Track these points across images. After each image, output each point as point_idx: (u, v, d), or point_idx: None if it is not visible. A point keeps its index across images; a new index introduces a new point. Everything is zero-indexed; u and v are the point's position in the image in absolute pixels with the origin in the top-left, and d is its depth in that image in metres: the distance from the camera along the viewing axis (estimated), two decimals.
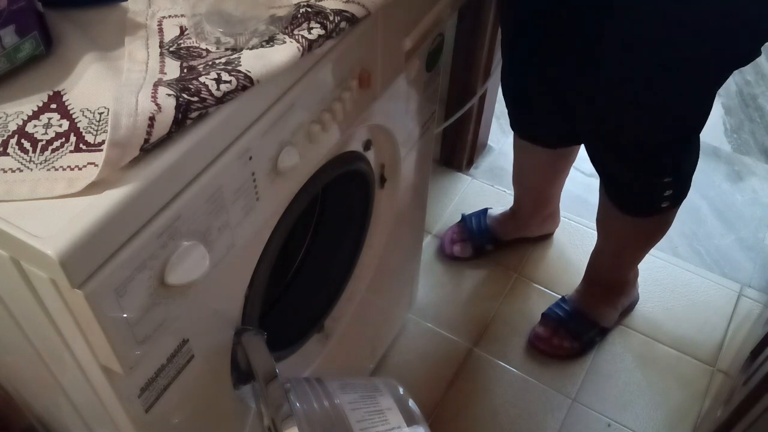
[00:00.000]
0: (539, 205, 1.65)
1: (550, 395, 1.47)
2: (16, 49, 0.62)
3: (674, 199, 1.25)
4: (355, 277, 1.15)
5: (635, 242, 1.41)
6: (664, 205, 1.24)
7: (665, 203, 1.24)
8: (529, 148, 1.44)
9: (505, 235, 1.68)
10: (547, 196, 1.64)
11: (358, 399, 0.85)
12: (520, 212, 1.65)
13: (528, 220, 1.67)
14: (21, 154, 0.56)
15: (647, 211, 1.27)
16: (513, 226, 1.68)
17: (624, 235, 1.37)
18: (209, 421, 0.85)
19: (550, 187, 1.61)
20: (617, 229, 1.36)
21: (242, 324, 0.83)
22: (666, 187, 1.21)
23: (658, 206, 1.25)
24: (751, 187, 1.91)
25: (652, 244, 1.41)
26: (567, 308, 1.53)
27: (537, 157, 1.47)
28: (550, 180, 1.58)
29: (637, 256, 1.48)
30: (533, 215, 1.67)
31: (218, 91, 0.59)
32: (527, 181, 1.58)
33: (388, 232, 1.16)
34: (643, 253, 1.46)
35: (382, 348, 1.47)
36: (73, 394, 0.77)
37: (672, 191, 1.22)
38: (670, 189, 1.22)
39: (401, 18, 0.85)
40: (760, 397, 1.06)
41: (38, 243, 0.50)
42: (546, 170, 1.54)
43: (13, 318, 0.66)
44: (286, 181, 0.75)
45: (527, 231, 1.70)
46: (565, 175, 1.58)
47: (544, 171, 1.54)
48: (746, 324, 1.59)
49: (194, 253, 0.62)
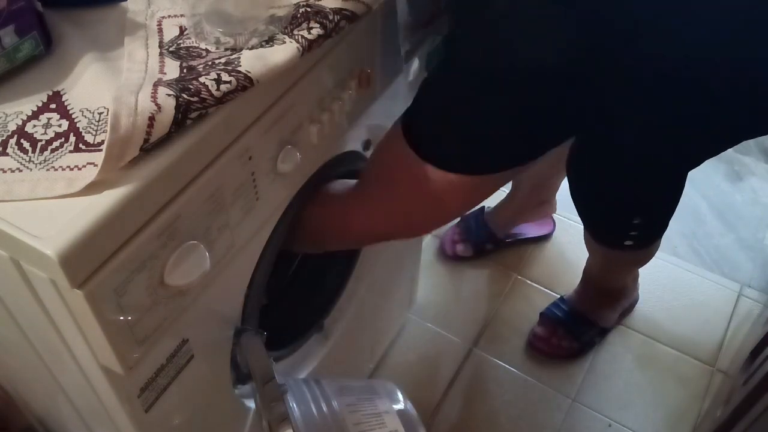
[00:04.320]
0: (536, 192, 1.63)
1: (550, 395, 1.47)
2: (16, 49, 0.62)
3: (640, 240, 1.19)
4: (355, 277, 1.15)
5: (617, 264, 1.39)
6: (627, 243, 1.19)
7: (629, 242, 1.19)
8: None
9: (503, 227, 1.68)
10: (545, 182, 1.62)
11: (355, 401, 0.85)
12: (517, 195, 1.63)
13: (524, 204, 1.65)
14: (20, 154, 0.56)
15: (614, 246, 1.24)
16: (509, 211, 1.66)
17: (605, 257, 1.35)
18: (209, 421, 0.85)
19: (549, 173, 1.58)
20: (595, 251, 1.35)
21: (242, 324, 0.83)
22: (632, 228, 1.17)
23: (622, 243, 1.20)
24: (751, 186, 1.91)
25: (639, 265, 1.39)
26: (565, 308, 1.53)
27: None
28: (552, 164, 1.55)
29: (624, 274, 1.46)
30: (530, 197, 1.64)
31: (218, 91, 0.59)
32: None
33: None
34: (630, 272, 1.45)
35: (381, 348, 1.47)
36: (73, 394, 0.77)
37: (638, 233, 1.17)
38: (636, 230, 1.17)
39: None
40: (759, 397, 1.06)
41: (38, 243, 0.50)
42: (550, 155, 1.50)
43: (13, 318, 0.66)
44: (286, 181, 0.75)
45: (524, 216, 1.68)
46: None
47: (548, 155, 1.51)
48: (746, 324, 1.59)
49: (194, 253, 0.62)
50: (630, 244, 1.20)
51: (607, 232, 1.23)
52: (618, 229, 1.20)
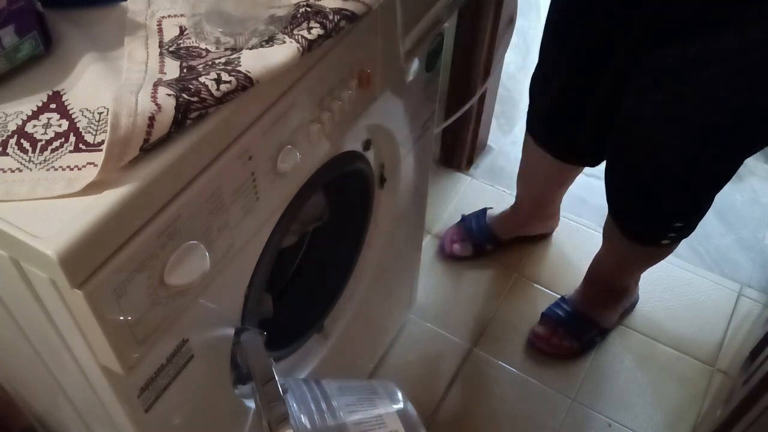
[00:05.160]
0: (541, 207, 1.65)
1: (550, 395, 1.47)
2: (16, 49, 0.62)
3: (677, 239, 1.26)
4: (355, 277, 1.15)
5: (634, 260, 1.41)
6: (664, 242, 1.25)
7: (666, 241, 1.25)
8: (540, 156, 1.40)
9: (504, 234, 1.68)
10: (549, 199, 1.64)
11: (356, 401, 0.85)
12: (521, 211, 1.65)
13: (528, 219, 1.67)
14: (20, 154, 0.56)
15: (648, 242, 1.27)
16: (513, 224, 1.67)
17: (624, 252, 1.37)
18: (209, 420, 0.85)
19: (554, 192, 1.61)
20: (618, 246, 1.36)
21: (242, 324, 0.83)
22: (672, 230, 1.22)
23: (659, 242, 1.25)
24: (751, 187, 1.91)
25: (654, 263, 1.41)
26: (567, 308, 1.53)
27: (547, 165, 1.43)
28: (555, 187, 1.57)
29: (638, 270, 1.48)
30: (533, 215, 1.66)
31: (218, 91, 0.59)
32: (532, 184, 1.57)
33: (388, 232, 1.16)
34: (644, 269, 1.47)
35: (381, 348, 1.47)
36: (73, 394, 0.77)
37: (677, 234, 1.23)
38: (676, 232, 1.22)
39: (401, 18, 0.85)
40: (759, 396, 1.06)
41: (38, 243, 0.50)
42: (553, 178, 1.53)
43: (12, 318, 0.66)
44: (285, 181, 0.75)
45: (527, 230, 1.70)
46: (571, 182, 1.57)
47: (551, 178, 1.53)
48: (746, 324, 1.59)
49: (194, 253, 0.62)
50: (667, 243, 1.26)
51: (648, 232, 1.25)
52: (660, 229, 1.23)
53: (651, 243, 1.27)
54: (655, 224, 1.23)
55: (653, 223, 1.22)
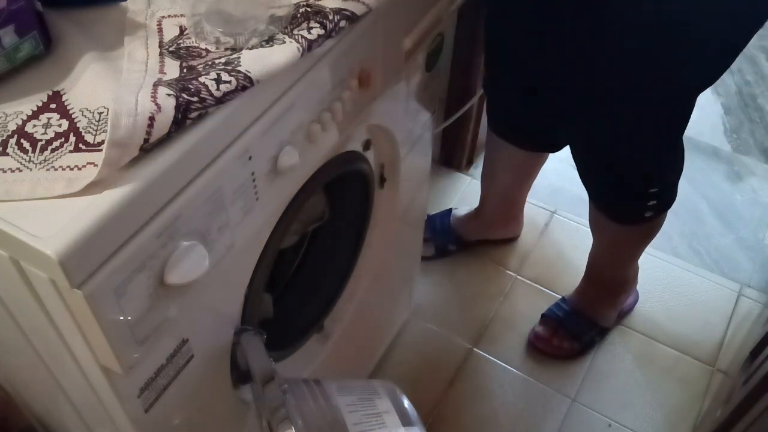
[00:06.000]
0: (505, 206, 1.65)
1: (550, 395, 1.47)
2: (16, 49, 0.62)
3: (659, 208, 1.26)
4: (355, 277, 1.15)
5: (627, 244, 1.41)
6: (648, 215, 1.25)
7: (649, 212, 1.25)
8: (503, 147, 1.44)
9: (468, 235, 1.68)
10: (513, 197, 1.65)
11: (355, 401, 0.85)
12: (485, 213, 1.65)
13: (492, 221, 1.67)
14: (20, 154, 0.56)
15: (633, 219, 1.28)
16: (476, 226, 1.68)
17: (615, 238, 1.38)
18: (209, 421, 0.85)
19: (518, 188, 1.62)
20: (608, 233, 1.37)
21: (242, 324, 0.83)
22: (650, 197, 1.22)
23: (643, 215, 1.26)
24: (751, 187, 1.91)
25: (647, 242, 1.42)
26: (567, 308, 1.53)
27: (510, 156, 1.47)
28: (519, 180, 1.59)
29: (633, 254, 1.48)
30: (497, 217, 1.67)
31: (218, 91, 0.59)
32: (496, 179, 1.58)
33: (388, 232, 1.16)
34: (639, 251, 1.46)
35: (381, 348, 1.47)
36: (73, 394, 0.77)
37: (656, 201, 1.23)
38: (655, 199, 1.23)
39: (401, 18, 0.85)
40: (759, 396, 1.06)
41: (38, 243, 0.50)
42: (517, 170, 1.54)
43: (12, 318, 0.66)
44: (285, 181, 0.75)
45: (490, 233, 1.70)
46: (534, 178, 1.59)
47: (515, 171, 1.55)
48: (746, 324, 1.59)
49: (194, 253, 0.62)
50: (650, 215, 1.25)
51: (629, 208, 1.26)
52: (637, 200, 1.23)
53: (634, 219, 1.28)
54: (630, 195, 1.23)
55: (628, 194, 1.23)
